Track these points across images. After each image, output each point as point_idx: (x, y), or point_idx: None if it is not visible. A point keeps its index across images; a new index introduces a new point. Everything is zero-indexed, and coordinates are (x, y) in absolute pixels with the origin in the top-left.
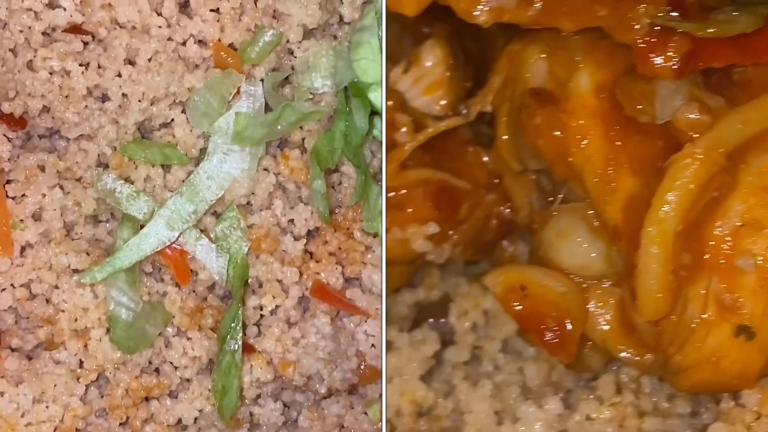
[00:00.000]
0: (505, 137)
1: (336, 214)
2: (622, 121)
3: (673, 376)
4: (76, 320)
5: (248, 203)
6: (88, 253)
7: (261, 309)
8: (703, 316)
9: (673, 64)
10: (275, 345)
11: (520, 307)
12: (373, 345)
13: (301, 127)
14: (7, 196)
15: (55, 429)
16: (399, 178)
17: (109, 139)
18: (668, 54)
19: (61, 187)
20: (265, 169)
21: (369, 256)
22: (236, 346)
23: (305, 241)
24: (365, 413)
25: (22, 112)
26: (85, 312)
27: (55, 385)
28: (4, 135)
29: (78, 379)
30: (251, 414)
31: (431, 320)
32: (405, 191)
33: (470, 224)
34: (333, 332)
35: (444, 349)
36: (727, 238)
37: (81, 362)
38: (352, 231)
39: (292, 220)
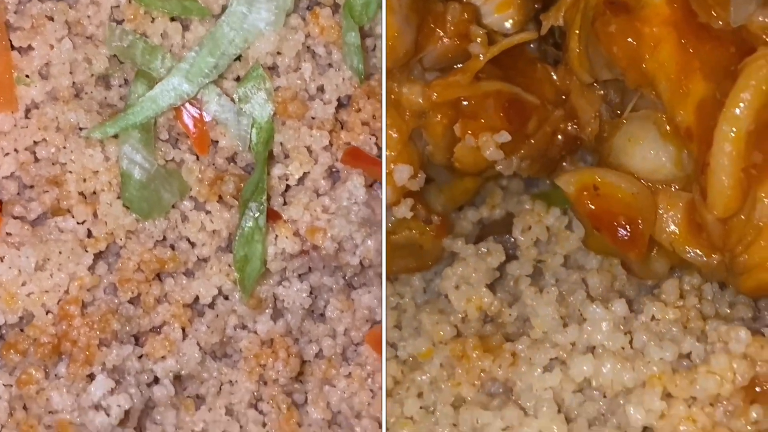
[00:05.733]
0: (577, 49)
1: (370, 80)
2: (695, 27)
3: (737, 277)
4: (84, 181)
5: (274, 66)
6: (99, 113)
7: (287, 179)
8: None
9: None
10: (303, 213)
11: (593, 206)
12: None
13: None
14: (12, 48)
15: (59, 300)
16: (472, 88)
17: None
18: None
19: (71, 42)
20: (294, 29)
21: None
22: (260, 210)
23: (336, 106)
24: None
25: None
26: (95, 174)
27: (60, 252)
28: None
29: (86, 248)
30: (275, 296)
31: (495, 236)
32: (478, 101)
33: (538, 139)
34: (367, 199)
35: (507, 264)
36: None
37: (89, 232)
38: None
39: (321, 87)
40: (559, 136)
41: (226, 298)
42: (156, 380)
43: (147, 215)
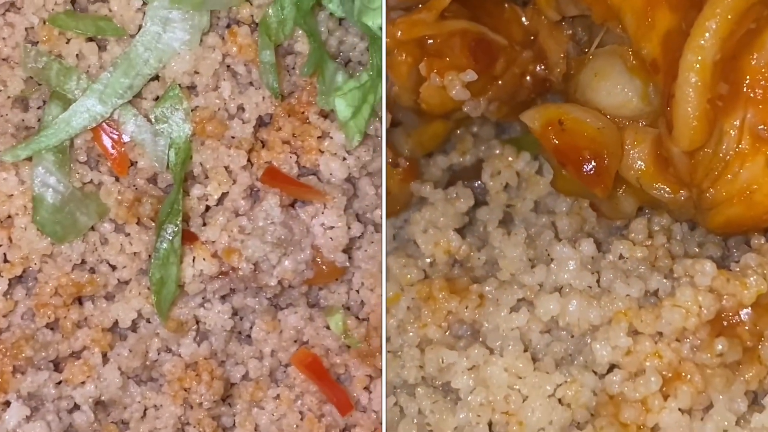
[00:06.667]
0: None
1: (290, 98)
2: None
3: (705, 212)
4: None
5: (193, 86)
6: (14, 136)
7: (207, 199)
8: (737, 147)
9: None
10: (220, 234)
11: (558, 141)
12: (331, 238)
13: (250, 2)
14: None
15: None
16: (438, 26)
17: (36, 7)
18: None
19: None
20: (211, 47)
21: (326, 143)
22: (175, 230)
23: (257, 126)
24: (327, 327)
25: None
26: (9, 198)
27: None
28: None
29: (0, 273)
30: (197, 319)
31: (465, 182)
32: (444, 39)
33: (506, 80)
34: (284, 219)
35: (477, 209)
36: (764, 70)
37: (5, 256)
38: (307, 115)
39: (242, 106)
40: (528, 78)
41: (149, 321)
42: (77, 406)
43: (61, 238)
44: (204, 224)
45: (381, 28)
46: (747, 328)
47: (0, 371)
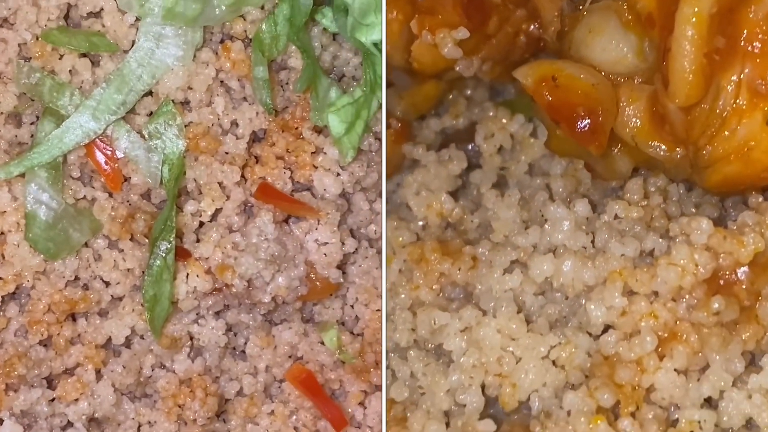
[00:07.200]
0: None
1: (283, 113)
2: None
3: (702, 171)
4: None
5: (186, 102)
6: (7, 152)
7: (200, 216)
8: (734, 103)
9: None
10: (213, 251)
11: (551, 97)
12: (324, 254)
13: (244, 18)
14: None
15: None
16: None
17: (29, 23)
18: None
19: None
20: (204, 63)
21: (320, 158)
22: (168, 247)
23: (250, 142)
24: (321, 343)
25: None
26: (2, 215)
27: None
28: None
29: None
30: (191, 335)
31: (458, 144)
32: None
33: (499, 39)
34: (278, 235)
35: (471, 172)
36: (762, 23)
37: None
38: (300, 130)
39: (235, 122)
40: (522, 37)
41: (142, 337)
42: (70, 424)
43: (54, 255)
44: (197, 241)
45: (374, 44)
46: (744, 287)
47: None
